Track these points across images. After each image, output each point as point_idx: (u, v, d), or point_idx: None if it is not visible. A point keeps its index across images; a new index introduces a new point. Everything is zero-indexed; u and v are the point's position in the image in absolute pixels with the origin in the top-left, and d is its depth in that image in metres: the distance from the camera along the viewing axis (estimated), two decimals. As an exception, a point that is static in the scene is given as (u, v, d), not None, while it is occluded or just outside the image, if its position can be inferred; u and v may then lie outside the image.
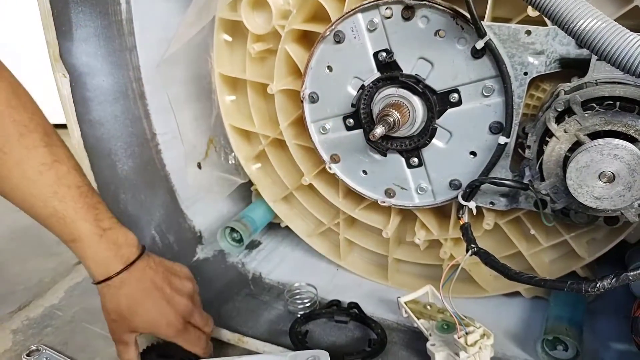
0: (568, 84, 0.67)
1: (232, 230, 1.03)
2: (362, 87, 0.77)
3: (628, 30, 0.51)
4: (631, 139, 0.60)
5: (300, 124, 0.88)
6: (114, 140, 0.90)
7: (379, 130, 0.70)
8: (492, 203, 0.78)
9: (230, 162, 1.03)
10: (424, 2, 0.69)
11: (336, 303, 0.91)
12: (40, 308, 0.98)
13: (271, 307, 0.93)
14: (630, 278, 0.58)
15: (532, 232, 0.80)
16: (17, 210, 0.65)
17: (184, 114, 0.97)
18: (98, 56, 0.86)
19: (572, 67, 0.67)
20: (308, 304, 0.91)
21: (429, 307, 0.83)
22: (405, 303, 0.83)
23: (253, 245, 1.10)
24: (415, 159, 0.80)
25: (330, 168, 0.87)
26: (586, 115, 0.61)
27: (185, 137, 0.98)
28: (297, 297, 0.93)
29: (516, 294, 0.89)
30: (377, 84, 0.76)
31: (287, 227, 1.04)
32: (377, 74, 0.76)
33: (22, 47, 1.68)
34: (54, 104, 0.80)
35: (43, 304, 0.99)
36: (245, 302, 0.94)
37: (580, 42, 0.52)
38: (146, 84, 0.94)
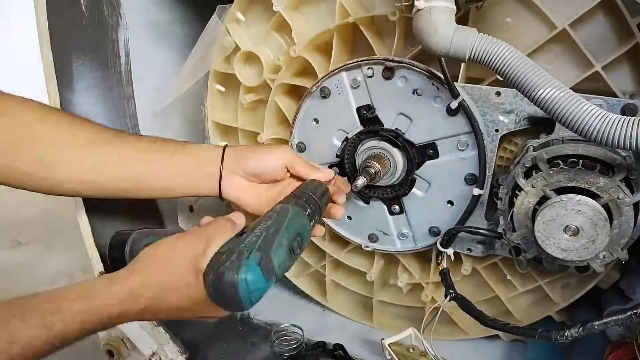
0: (537, 140, 0.72)
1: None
2: (346, 139, 0.82)
3: (583, 99, 0.56)
4: (593, 195, 0.64)
5: (288, 170, 0.92)
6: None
7: (361, 181, 0.74)
8: (469, 249, 0.82)
9: (221, 204, 1.06)
10: (402, 64, 0.74)
11: (322, 345, 0.93)
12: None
13: (258, 348, 0.95)
14: (596, 327, 0.62)
15: (509, 277, 0.84)
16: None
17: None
18: (97, 105, 0.90)
19: (540, 124, 0.72)
20: (294, 345, 0.93)
21: (411, 349, 0.86)
22: (389, 345, 0.86)
23: (242, 284, 1.13)
24: (397, 207, 0.84)
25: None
26: (551, 172, 0.66)
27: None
28: (284, 338, 0.95)
29: (496, 336, 0.91)
30: (360, 137, 0.81)
31: (275, 267, 1.06)
32: (360, 127, 0.81)
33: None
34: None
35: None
36: (233, 343, 0.96)
37: (541, 108, 0.57)
38: (142, 130, 0.98)
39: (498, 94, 0.72)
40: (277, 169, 0.73)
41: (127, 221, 0.96)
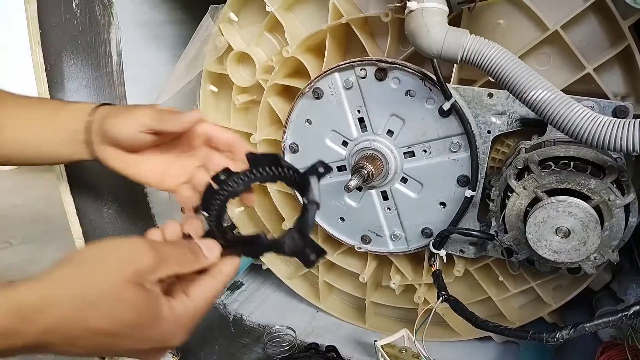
0: (529, 141, 0.72)
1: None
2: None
3: (574, 101, 0.56)
4: (584, 197, 0.64)
5: (281, 171, 0.92)
6: (100, 185, 0.93)
7: (354, 182, 0.74)
8: (462, 251, 0.82)
9: (213, 205, 1.06)
10: (395, 65, 0.74)
11: (314, 347, 0.93)
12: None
13: (251, 350, 0.94)
14: (587, 329, 0.62)
15: (501, 279, 0.84)
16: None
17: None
18: (88, 105, 0.90)
19: (532, 126, 0.73)
20: (287, 347, 0.93)
21: (404, 351, 0.85)
22: (382, 347, 0.86)
23: (235, 286, 1.12)
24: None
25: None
26: (543, 174, 0.66)
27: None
28: (276, 340, 0.94)
29: (489, 338, 0.91)
30: (353, 138, 0.81)
31: (268, 269, 1.06)
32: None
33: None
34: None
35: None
36: (226, 345, 0.95)
37: (532, 110, 0.57)
38: (134, 131, 0.98)
39: (490, 95, 0.72)
40: (131, 134, 0.60)
41: (118, 223, 0.96)
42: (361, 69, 0.77)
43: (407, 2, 0.60)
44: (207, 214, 0.55)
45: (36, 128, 0.65)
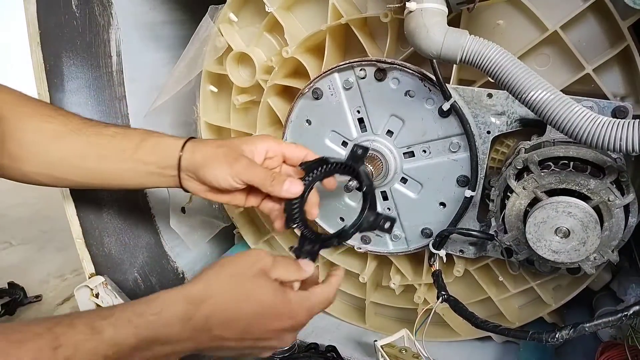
0: (528, 142, 0.72)
1: (214, 272, 1.05)
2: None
3: (574, 102, 0.56)
4: (584, 197, 0.64)
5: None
6: (100, 186, 0.93)
7: (354, 183, 0.74)
8: (461, 251, 0.82)
9: (213, 206, 1.06)
10: (395, 65, 0.74)
11: (314, 346, 0.93)
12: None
13: (250, 350, 0.94)
14: (587, 329, 0.62)
15: (501, 279, 0.84)
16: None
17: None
18: (88, 106, 0.90)
19: (532, 126, 0.73)
20: (286, 347, 0.93)
21: (404, 351, 0.85)
22: (382, 347, 0.86)
23: (235, 286, 1.12)
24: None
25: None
26: (542, 174, 0.66)
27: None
28: (276, 340, 0.94)
29: (488, 338, 0.91)
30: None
31: (268, 269, 1.06)
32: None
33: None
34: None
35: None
36: (225, 345, 0.95)
37: (532, 110, 0.57)
38: (134, 131, 0.98)
39: (490, 95, 0.72)
40: (232, 185, 0.66)
41: (118, 223, 0.96)
42: (361, 70, 0.77)
43: (407, 2, 0.60)
44: (294, 225, 0.68)
45: (120, 162, 0.68)
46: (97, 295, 0.90)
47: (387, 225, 0.65)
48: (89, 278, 0.90)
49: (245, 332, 0.53)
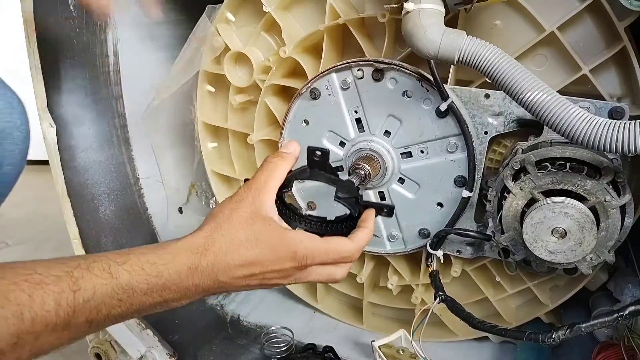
0: (525, 142, 0.72)
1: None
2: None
3: (570, 103, 0.56)
4: (581, 198, 0.64)
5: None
6: (97, 186, 0.93)
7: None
8: (459, 251, 0.82)
9: (211, 205, 1.06)
10: (392, 65, 0.74)
11: (312, 347, 0.93)
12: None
13: (248, 350, 0.94)
14: (583, 330, 0.62)
15: (498, 279, 0.84)
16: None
17: (167, 160, 1.01)
18: (85, 106, 0.90)
19: (529, 127, 0.73)
20: (284, 348, 0.93)
21: (401, 351, 0.86)
22: (379, 347, 0.86)
23: (232, 286, 1.12)
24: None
25: (309, 207, 0.90)
26: (539, 174, 0.66)
27: (168, 181, 1.01)
28: (274, 340, 0.94)
29: (486, 338, 0.91)
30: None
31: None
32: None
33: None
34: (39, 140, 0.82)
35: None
36: (223, 345, 0.95)
37: (529, 111, 0.58)
38: (131, 130, 0.98)
39: (487, 96, 0.72)
40: None
41: (115, 223, 0.96)
42: (358, 70, 0.77)
43: (404, 3, 0.60)
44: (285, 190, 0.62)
45: None
46: (93, 296, 0.89)
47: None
48: (86, 278, 0.90)
49: (249, 275, 0.54)
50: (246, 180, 0.59)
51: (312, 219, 0.61)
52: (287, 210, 0.59)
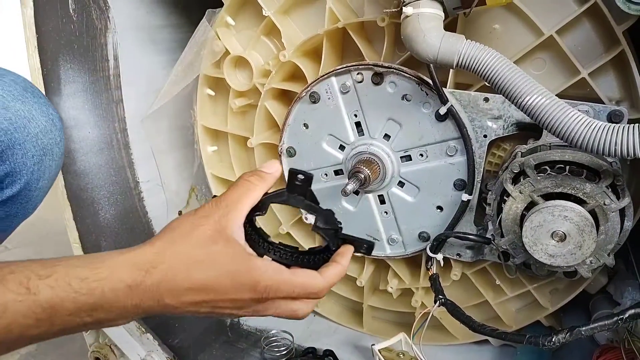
0: (525, 145, 0.72)
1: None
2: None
3: (569, 107, 0.56)
4: (580, 201, 0.64)
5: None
6: (97, 190, 0.93)
7: (351, 187, 0.74)
8: (458, 255, 0.82)
9: (210, 209, 1.06)
10: (391, 69, 0.74)
11: (312, 351, 0.93)
12: (15, 355, 0.98)
13: (248, 355, 0.94)
14: (583, 333, 0.62)
15: (498, 282, 0.84)
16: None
17: (167, 163, 1.01)
18: (85, 109, 0.90)
19: (528, 130, 0.73)
20: (284, 352, 0.93)
21: (402, 355, 0.85)
22: (379, 351, 0.86)
23: (232, 290, 1.12)
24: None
25: (306, 219, 0.90)
26: (539, 178, 0.66)
27: (168, 185, 1.01)
28: (274, 344, 0.94)
29: (486, 341, 0.91)
30: (350, 142, 0.81)
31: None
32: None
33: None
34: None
35: (19, 351, 0.99)
36: (223, 349, 0.95)
37: (528, 115, 0.58)
38: (131, 134, 0.98)
39: (486, 100, 0.72)
40: None
41: (115, 227, 0.96)
42: (358, 73, 0.77)
43: (403, 7, 0.61)
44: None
45: None
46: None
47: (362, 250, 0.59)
48: (86, 282, 0.90)
49: (199, 301, 0.48)
50: (214, 197, 0.54)
51: (282, 247, 0.55)
52: (256, 235, 0.53)
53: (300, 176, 0.55)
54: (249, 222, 0.53)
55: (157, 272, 0.46)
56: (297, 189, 0.56)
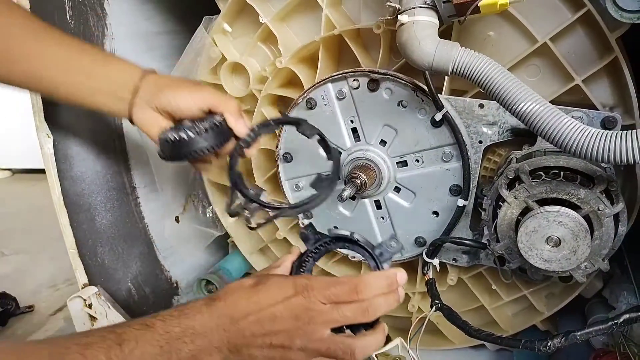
0: (519, 151, 0.73)
1: (208, 282, 1.04)
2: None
3: (563, 113, 0.57)
4: (574, 207, 0.65)
5: (275, 180, 0.92)
6: (94, 195, 0.93)
7: (347, 192, 0.74)
8: (455, 260, 0.82)
9: (207, 215, 1.06)
10: (387, 76, 0.75)
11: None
12: None
13: None
14: (578, 338, 0.62)
15: (494, 287, 0.84)
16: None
17: (163, 169, 1.01)
18: (82, 116, 0.90)
19: (523, 136, 0.73)
20: None
21: (399, 359, 0.86)
22: (376, 356, 0.86)
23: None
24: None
25: (303, 223, 0.91)
26: (533, 183, 0.66)
27: (165, 190, 1.01)
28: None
29: (482, 346, 0.92)
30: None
31: (262, 278, 1.06)
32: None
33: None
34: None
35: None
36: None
37: (522, 121, 0.58)
38: (128, 140, 0.98)
39: (481, 106, 0.73)
40: (193, 111, 0.68)
41: (112, 232, 0.96)
42: (354, 80, 0.78)
43: (399, 15, 0.61)
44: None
45: (81, 75, 0.69)
46: (90, 306, 0.89)
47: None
48: (82, 288, 0.90)
49: (269, 330, 0.52)
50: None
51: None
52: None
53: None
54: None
55: (224, 294, 0.54)
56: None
